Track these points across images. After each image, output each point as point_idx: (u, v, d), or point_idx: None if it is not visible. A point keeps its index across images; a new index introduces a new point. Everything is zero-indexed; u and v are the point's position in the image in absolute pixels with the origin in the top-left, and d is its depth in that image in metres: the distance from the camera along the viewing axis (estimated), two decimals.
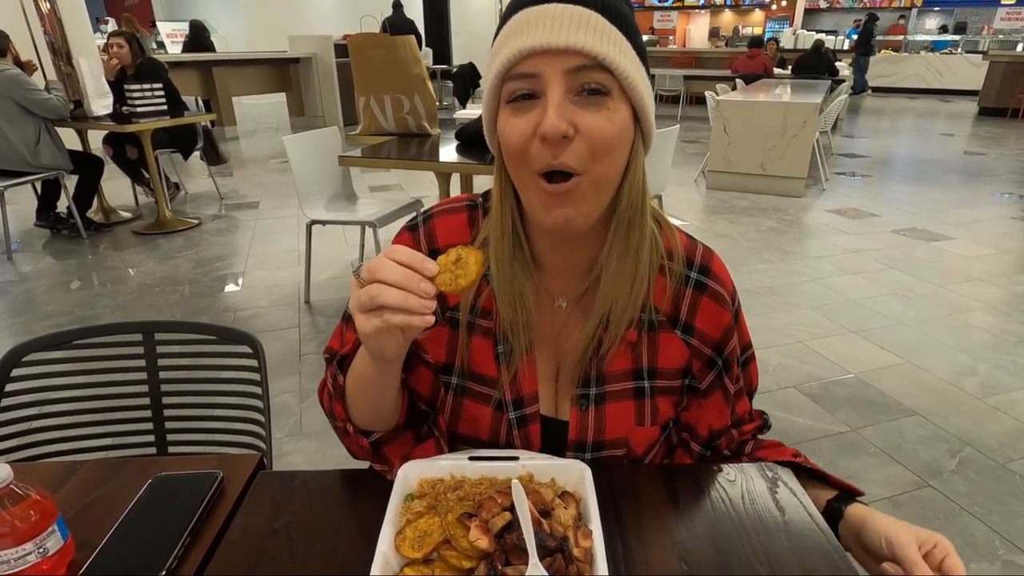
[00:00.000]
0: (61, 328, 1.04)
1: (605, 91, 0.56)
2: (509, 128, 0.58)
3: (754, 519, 0.64)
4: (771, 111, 4.85)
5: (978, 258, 3.64)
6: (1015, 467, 1.86)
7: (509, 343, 0.69)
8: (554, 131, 0.54)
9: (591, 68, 0.55)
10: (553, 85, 0.55)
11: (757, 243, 3.87)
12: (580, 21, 0.55)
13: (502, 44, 0.57)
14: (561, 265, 0.69)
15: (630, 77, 0.57)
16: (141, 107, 3.78)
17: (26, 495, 0.56)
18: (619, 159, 0.60)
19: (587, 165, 0.57)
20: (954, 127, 8.77)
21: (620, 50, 0.56)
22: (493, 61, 0.59)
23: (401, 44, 2.87)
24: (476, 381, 0.72)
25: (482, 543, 0.54)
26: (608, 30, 0.56)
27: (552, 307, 0.71)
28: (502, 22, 0.60)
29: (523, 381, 0.70)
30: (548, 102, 0.55)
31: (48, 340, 1.02)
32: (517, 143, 0.58)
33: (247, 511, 0.66)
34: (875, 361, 2.48)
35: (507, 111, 0.59)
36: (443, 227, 0.72)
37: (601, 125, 0.56)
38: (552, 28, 0.54)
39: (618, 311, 0.66)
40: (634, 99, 0.58)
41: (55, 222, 4.03)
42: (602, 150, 0.57)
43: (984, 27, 14.20)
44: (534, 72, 0.56)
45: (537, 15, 0.55)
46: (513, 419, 0.71)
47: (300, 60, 8.52)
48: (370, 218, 2.83)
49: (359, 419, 0.68)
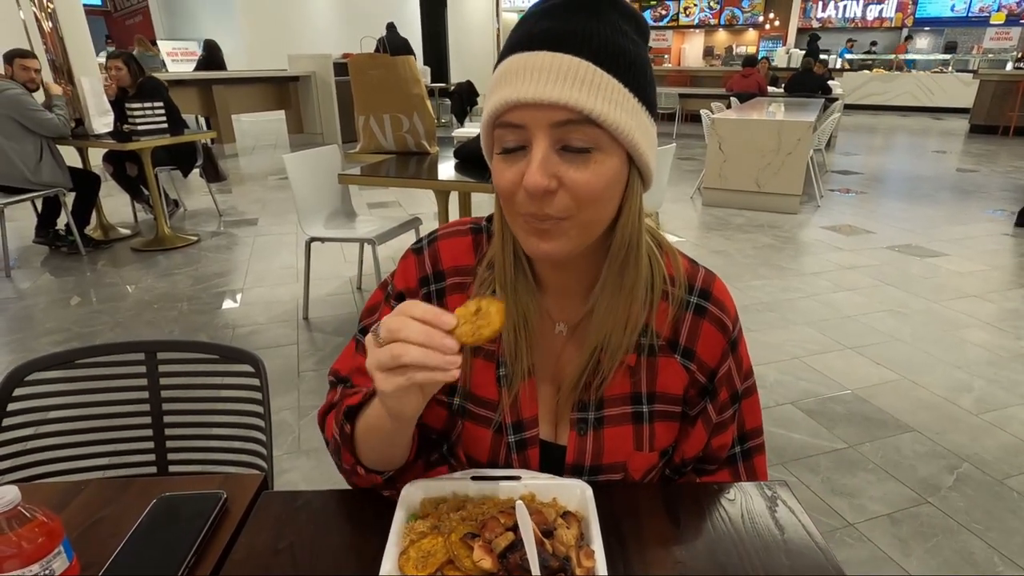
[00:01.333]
0: (59, 345, 1.05)
1: (590, 149, 0.56)
2: (499, 176, 0.59)
3: (754, 538, 0.64)
4: (766, 129, 4.91)
5: (972, 274, 3.67)
6: (1012, 483, 1.86)
7: (510, 366, 0.70)
8: (535, 188, 0.55)
9: (577, 122, 0.54)
10: (538, 139, 0.55)
11: (753, 259, 3.90)
12: (569, 73, 0.54)
13: (494, 88, 0.58)
14: (561, 286, 0.70)
15: (621, 127, 0.55)
16: (142, 125, 3.81)
17: (33, 516, 0.56)
18: (608, 205, 0.60)
19: (572, 212, 0.57)
20: (946, 144, 8.88)
21: (611, 99, 0.55)
22: (487, 102, 0.59)
23: (401, 64, 2.91)
24: (476, 403, 0.72)
25: (486, 563, 0.54)
26: (599, 80, 0.54)
27: (553, 332, 0.72)
28: (499, 60, 0.60)
29: (523, 405, 0.71)
30: (532, 157, 0.55)
31: (51, 360, 1.02)
32: (505, 190, 0.59)
33: (251, 531, 0.66)
34: (871, 377, 2.49)
35: (498, 159, 0.59)
36: (447, 250, 0.73)
37: (586, 179, 0.56)
38: (539, 80, 0.54)
39: (611, 348, 0.67)
40: (628, 146, 0.57)
41: (54, 239, 4.04)
42: (587, 201, 0.57)
43: (974, 47, 14.44)
44: (521, 123, 0.56)
45: (527, 64, 0.55)
46: (512, 443, 0.71)
47: (299, 78, 8.59)
48: (369, 235, 2.85)
49: (368, 462, 0.67)
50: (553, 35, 0.55)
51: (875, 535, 1.66)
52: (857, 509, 1.76)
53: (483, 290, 0.70)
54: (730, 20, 16.41)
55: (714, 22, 16.63)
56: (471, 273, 0.72)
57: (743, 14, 16.22)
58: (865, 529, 1.69)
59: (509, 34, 0.60)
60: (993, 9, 14.26)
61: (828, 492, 1.83)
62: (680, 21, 16.92)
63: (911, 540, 1.65)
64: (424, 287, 0.73)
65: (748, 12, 16.16)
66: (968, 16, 14.58)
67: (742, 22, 16.31)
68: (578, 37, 0.55)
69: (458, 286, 0.72)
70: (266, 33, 10.68)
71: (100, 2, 13.87)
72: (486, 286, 0.70)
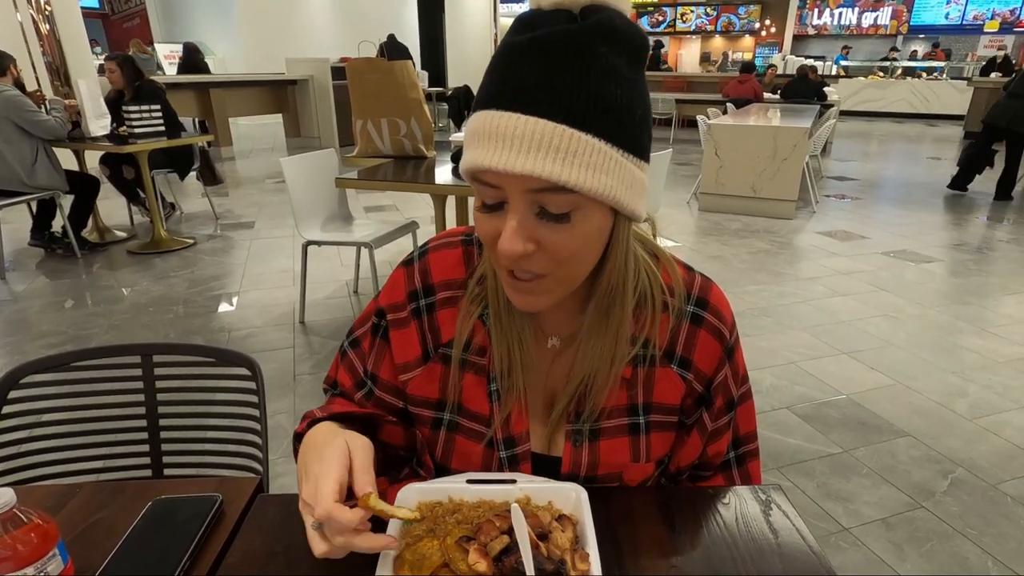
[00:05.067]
0: (54, 347, 1.04)
1: (568, 213, 0.53)
2: (479, 226, 0.58)
3: (748, 542, 0.65)
4: (762, 135, 4.94)
5: (967, 280, 3.69)
6: (1006, 488, 1.87)
7: (502, 382, 0.69)
8: (511, 254, 0.53)
9: (552, 190, 0.51)
10: (514, 203, 0.53)
11: (749, 265, 3.91)
12: (542, 141, 0.49)
13: (467, 144, 0.55)
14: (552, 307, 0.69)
15: (600, 191, 0.52)
16: (139, 128, 3.81)
17: (28, 519, 0.56)
18: (590, 258, 0.58)
19: (551, 270, 0.56)
20: (941, 151, 8.93)
21: (589, 164, 0.51)
22: (464, 153, 0.56)
23: (398, 69, 2.92)
24: (468, 418, 0.72)
25: (480, 566, 0.55)
26: (575, 145, 0.50)
27: (545, 346, 0.71)
28: (476, 105, 0.55)
29: (514, 420, 0.70)
30: (507, 223, 0.54)
31: (46, 362, 1.02)
32: (486, 240, 0.58)
33: (246, 534, 0.66)
34: (867, 382, 2.50)
35: (478, 210, 0.58)
36: (437, 262, 0.72)
37: (564, 242, 0.54)
38: (511, 149, 0.50)
39: (596, 385, 0.67)
40: (610, 204, 0.54)
41: (49, 241, 4.03)
42: (566, 260, 0.56)
43: (968, 54, 14.55)
44: (496, 184, 0.53)
45: (499, 126, 0.51)
46: (504, 458, 0.70)
47: (297, 82, 8.60)
48: (366, 239, 2.85)
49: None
50: (525, 92, 0.50)
51: (869, 539, 1.67)
52: (851, 514, 1.77)
53: (474, 307, 0.69)
54: (726, 27, 16.52)
55: (711, 28, 16.74)
56: (462, 287, 0.71)
57: (739, 21, 16.33)
58: (859, 533, 1.69)
59: (487, 72, 0.55)
60: (987, 17, 14.39)
61: (823, 496, 1.84)
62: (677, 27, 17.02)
63: (905, 545, 1.65)
64: (413, 302, 0.71)
65: (744, 19, 16.27)
66: (962, 24, 14.70)
67: (738, 28, 16.42)
68: (553, 94, 0.50)
69: (448, 300, 0.71)
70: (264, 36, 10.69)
71: (98, 5, 13.86)
72: (477, 302, 0.69)
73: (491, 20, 13.56)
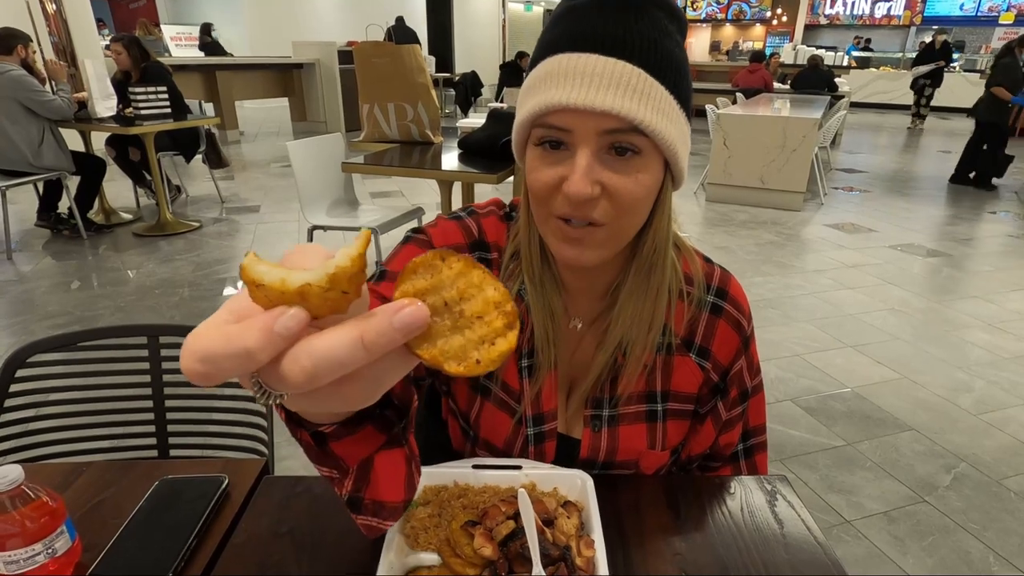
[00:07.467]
0: (60, 328, 1.05)
1: (636, 151, 0.55)
2: (535, 174, 0.57)
3: (753, 531, 0.65)
4: (771, 125, 4.89)
5: (974, 275, 3.66)
6: (1010, 484, 1.87)
7: (533, 358, 0.69)
8: (579, 195, 0.54)
9: (625, 131, 0.53)
10: (584, 145, 0.54)
11: (756, 256, 3.89)
12: (620, 80, 0.52)
13: (536, 86, 0.55)
14: (579, 287, 0.69)
15: (666, 138, 0.54)
16: (145, 110, 3.80)
17: (36, 496, 0.57)
18: (644, 212, 0.59)
19: (610, 218, 0.56)
20: (951, 144, 8.83)
21: (659, 109, 0.53)
22: (525, 99, 0.56)
23: (406, 52, 2.89)
24: (499, 387, 0.71)
25: (486, 551, 0.55)
26: (649, 87, 0.53)
27: (567, 327, 0.71)
28: (540, 54, 0.57)
29: (545, 396, 0.70)
30: (576, 163, 0.54)
31: (53, 342, 1.02)
32: (541, 191, 0.57)
33: (252, 515, 0.67)
34: (872, 376, 2.49)
35: (535, 152, 0.57)
36: (489, 227, 0.71)
37: (629, 187, 0.55)
38: (589, 86, 0.51)
39: (635, 350, 0.66)
40: (668, 155, 0.56)
41: (56, 222, 4.04)
42: (627, 208, 0.56)
43: (982, 46, 14.35)
44: (566, 127, 0.54)
45: (575, 66, 0.52)
46: (531, 435, 0.70)
47: (303, 65, 8.55)
48: (371, 224, 2.85)
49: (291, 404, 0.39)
50: (602, 37, 0.52)
51: (871, 532, 1.67)
52: (854, 506, 1.77)
53: (510, 283, 0.68)
54: (737, 15, 16.31)
55: (721, 17, 16.53)
56: (501, 256, 0.70)
57: (750, 9, 16.12)
58: (862, 526, 1.69)
59: (548, 27, 0.57)
60: (1002, 9, 14.17)
61: (826, 489, 1.84)
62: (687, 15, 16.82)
63: (907, 538, 1.65)
64: (472, 251, 0.69)
65: (755, 7, 16.06)
66: (977, 15, 14.48)
67: (749, 17, 16.21)
68: (628, 40, 0.52)
69: (493, 263, 0.70)
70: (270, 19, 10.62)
71: None
72: (513, 278, 0.68)
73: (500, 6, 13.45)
